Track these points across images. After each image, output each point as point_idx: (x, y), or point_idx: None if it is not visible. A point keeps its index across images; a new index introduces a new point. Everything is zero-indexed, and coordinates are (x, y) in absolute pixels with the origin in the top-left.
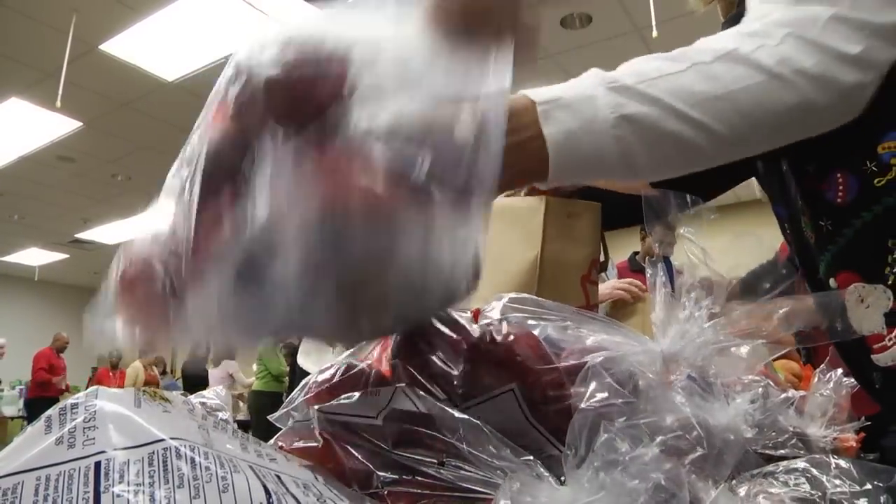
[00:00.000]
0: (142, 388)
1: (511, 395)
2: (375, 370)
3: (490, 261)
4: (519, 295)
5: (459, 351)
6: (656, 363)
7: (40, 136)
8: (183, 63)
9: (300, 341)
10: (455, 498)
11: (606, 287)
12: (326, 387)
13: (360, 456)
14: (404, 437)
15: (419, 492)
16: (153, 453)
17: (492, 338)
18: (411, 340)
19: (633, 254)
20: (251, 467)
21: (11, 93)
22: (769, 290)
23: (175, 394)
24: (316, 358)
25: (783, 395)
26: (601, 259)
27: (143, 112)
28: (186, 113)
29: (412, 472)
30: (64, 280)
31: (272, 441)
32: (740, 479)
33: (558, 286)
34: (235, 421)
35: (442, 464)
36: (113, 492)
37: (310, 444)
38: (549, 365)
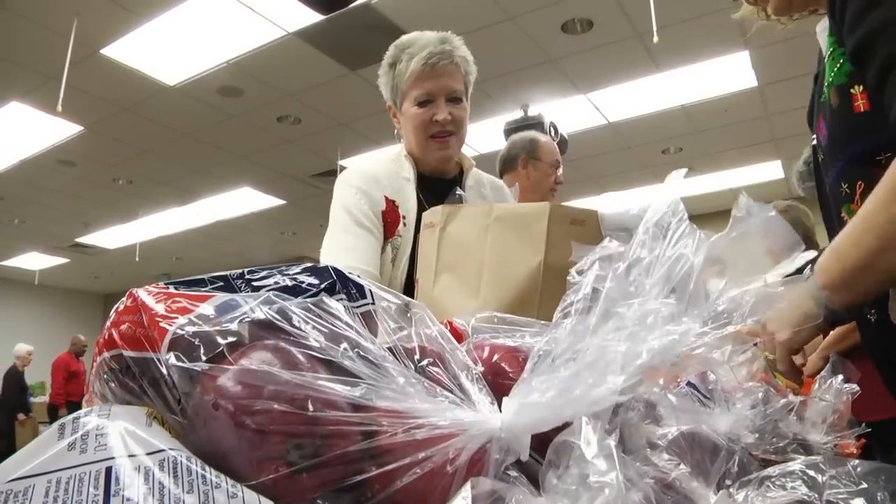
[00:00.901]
0: (151, 412)
1: None
2: None
3: (495, 266)
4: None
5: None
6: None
7: (41, 139)
8: (184, 67)
9: None
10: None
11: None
12: None
13: None
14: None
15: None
16: (164, 460)
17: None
18: None
19: None
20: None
21: (12, 96)
22: None
23: None
24: None
25: (783, 401)
26: None
27: (144, 116)
28: (187, 117)
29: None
30: (64, 284)
31: None
32: (739, 485)
33: (561, 292)
34: None
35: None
36: (123, 495)
37: None
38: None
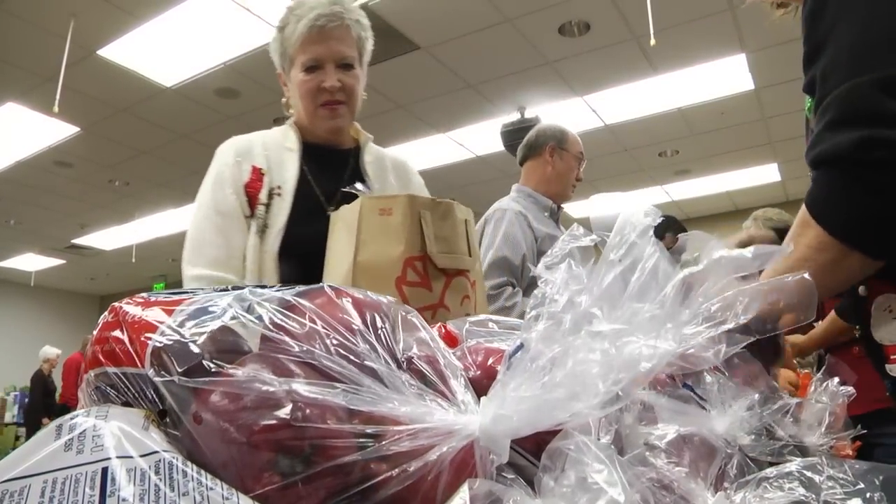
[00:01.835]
0: (148, 414)
1: None
2: None
3: (327, 266)
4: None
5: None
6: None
7: (37, 140)
8: (181, 68)
9: None
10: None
11: None
12: None
13: None
14: None
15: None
16: (159, 461)
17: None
18: None
19: None
20: None
21: (9, 97)
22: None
23: None
24: None
25: (779, 403)
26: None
27: (141, 117)
28: (184, 118)
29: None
30: (60, 286)
31: None
32: (736, 486)
33: (373, 290)
34: None
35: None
36: (119, 496)
37: None
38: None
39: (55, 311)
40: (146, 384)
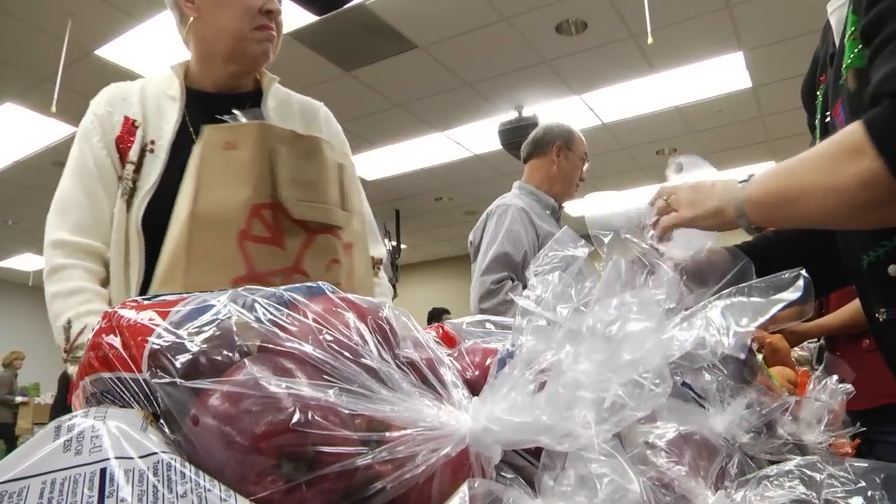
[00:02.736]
0: (146, 415)
1: None
2: None
3: (170, 225)
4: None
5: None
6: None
7: (35, 141)
8: None
9: None
10: None
11: None
12: None
13: None
14: None
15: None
16: (158, 462)
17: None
18: None
19: None
20: None
21: (6, 97)
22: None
23: None
24: None
25: (778, 401)
26: (281, 202)
27: None
28: None
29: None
30: None
31: None
32: (737, 485)
33: (210, 250)
34: None
35: None
36: (117, 496)
37: None
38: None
39: None
40: (141, 388)
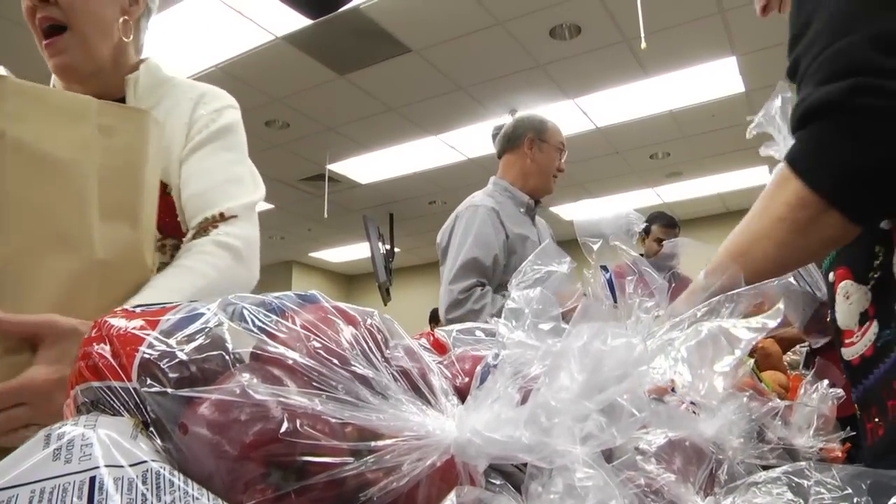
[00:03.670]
0: (137, 423)
1: None
2: None
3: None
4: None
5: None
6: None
7: None
8: (172, 71)
9: None
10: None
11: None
12: None
13: None
14: None
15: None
16: (147, 471)
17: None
18: None
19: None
20: None
21: None
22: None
23: None
24: None
25: (768, 406)
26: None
27: None
28: None
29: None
30: None
31: None
32: (726, 491)
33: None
34: None
35: None
36: None
37: None
38: None
39: None
40: (131, 397)
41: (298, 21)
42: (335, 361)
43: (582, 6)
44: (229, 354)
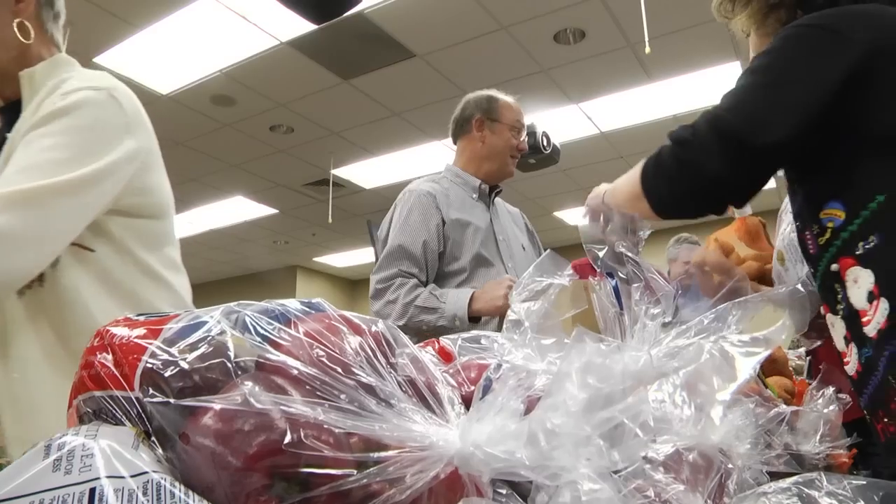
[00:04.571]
0: (139, 433)
1: None
2: None
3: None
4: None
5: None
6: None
7: None
8: (177, 76)
9: None
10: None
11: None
12: None
13: None
14: None
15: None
16: (148, 482)
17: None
18: None
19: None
20: None
21: None
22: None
23: None
24: None
25: (774, 412)
26: None
27: None
28: (180, 126)
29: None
30: None
31: None
32: (735, 500)
33: None
34: None
35: None
36: None
37: None
38: None
39: None
40: (133, 406)
41: (303, 26)
42: (339, 370)
43: (586, 11)
44: (232, 363)
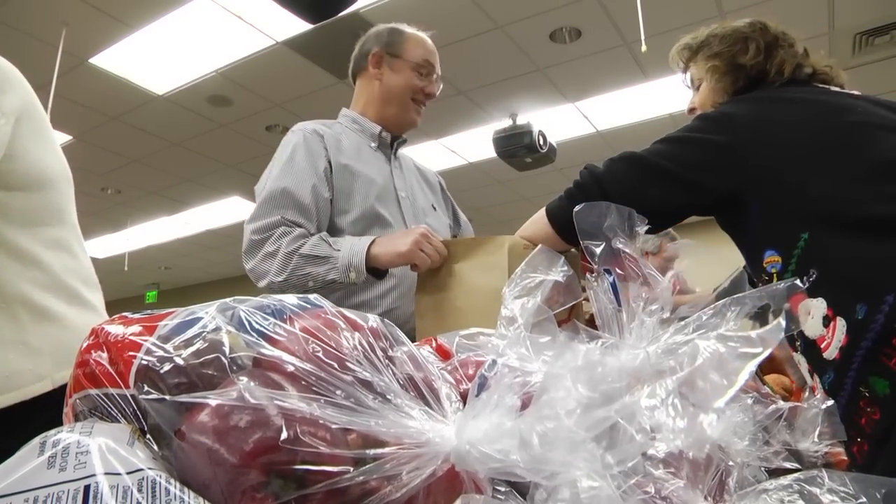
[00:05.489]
0: (134, 430)
1: None
2: None
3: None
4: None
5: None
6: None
7: None
8: (173, 76)
9: None
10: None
11: None
12: None
13: None
14: None
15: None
16: (143, 479)
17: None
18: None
19: None
20: None
21: None
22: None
23: None
24: None
25: (772, 408)
26: None
27: (133, 125)
28: (176, 126)
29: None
30: None
31: None
32: (736, 497)
33: None
34: None
35: None
36: None
37: None
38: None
39: None
40: (129, 404)
41: (299, 26)
42: (335, 366)
43: (582, 10)
44: (227, 359)
